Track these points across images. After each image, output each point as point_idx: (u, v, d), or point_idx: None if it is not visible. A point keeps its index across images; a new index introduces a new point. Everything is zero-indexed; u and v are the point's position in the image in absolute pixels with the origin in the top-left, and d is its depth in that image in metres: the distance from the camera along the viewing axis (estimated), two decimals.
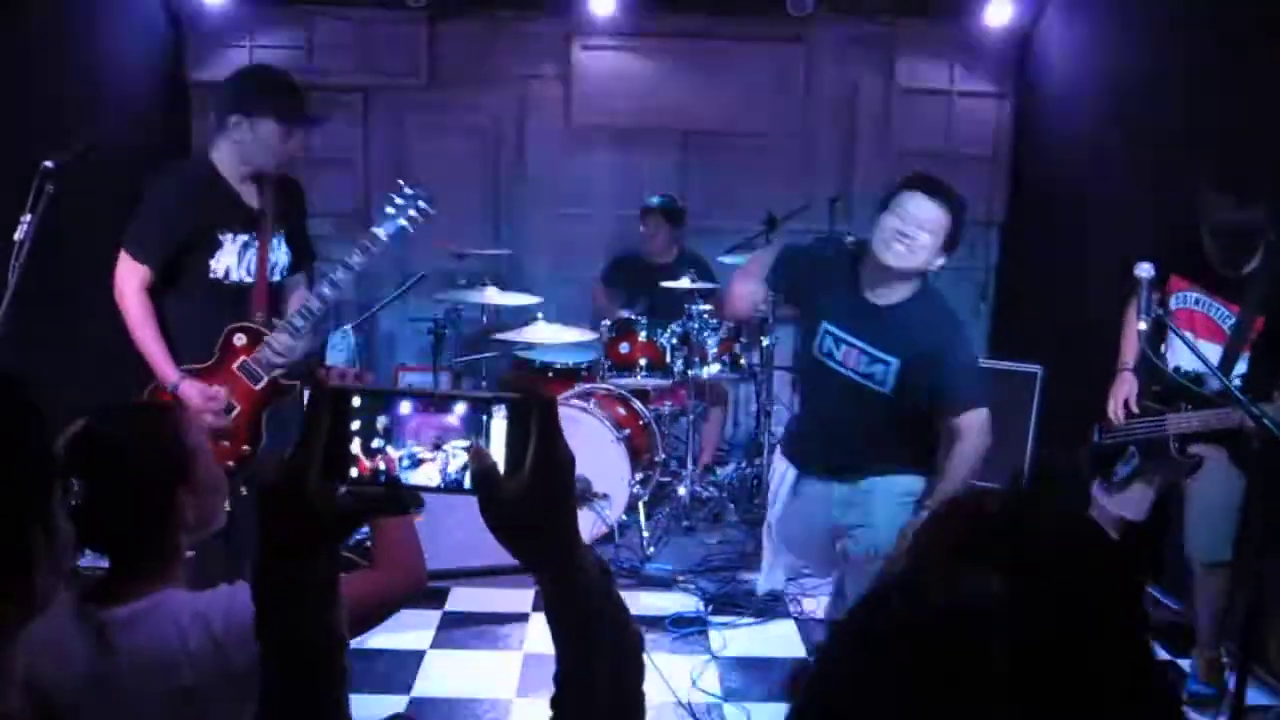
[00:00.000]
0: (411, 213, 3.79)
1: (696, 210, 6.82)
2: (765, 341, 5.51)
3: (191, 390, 3.39)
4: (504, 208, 6.99)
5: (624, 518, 5.10)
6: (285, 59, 6.68)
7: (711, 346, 5.33)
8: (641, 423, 5.35)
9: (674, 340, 5.33)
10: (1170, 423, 3.64)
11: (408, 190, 3.79)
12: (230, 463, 3.39)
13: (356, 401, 1.05)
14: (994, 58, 6.76)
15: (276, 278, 3.63)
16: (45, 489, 1.19)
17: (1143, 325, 3.34)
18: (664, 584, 4.73)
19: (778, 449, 3.74)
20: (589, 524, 4.97)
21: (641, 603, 4.54)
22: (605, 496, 4.99)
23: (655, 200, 5.95)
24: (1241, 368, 3.56)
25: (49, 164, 3.14)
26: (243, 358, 3.50)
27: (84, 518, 1.62)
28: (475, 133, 6.94)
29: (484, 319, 5.95)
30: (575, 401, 5.19)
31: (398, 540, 1.93)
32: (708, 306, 5.45)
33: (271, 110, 3.43)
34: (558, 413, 1.06)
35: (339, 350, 4.69)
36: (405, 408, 1.02)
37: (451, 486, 1.02)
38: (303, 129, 3.57)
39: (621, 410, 5.33)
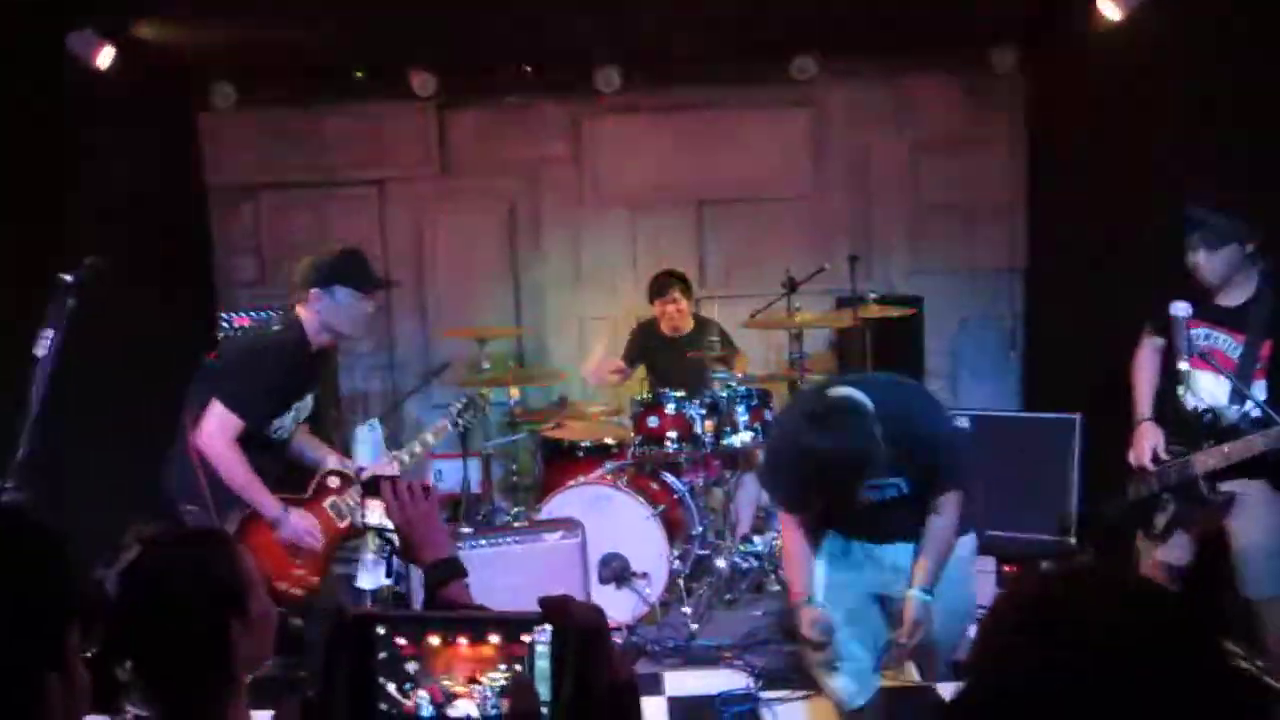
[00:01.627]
0: (468, 414, 4.65)
1: (716, 278, 6.82)
2: None
3: (299, 518, 3.72)
4: (523, 288, 7.00)
5: (665, 596, 5.00)
6: (299, 157, 6.79)
7: (741, 415, 5.26)
8: (675, 496, 5.27)
9: (703, 411, 5.26)
10: (1196, 462, 3.58)
11: (464, 401, 4.70)
12: (298, 590, 3.71)
13: (381, 630, 0.97)
14: (1004, 106, 6.75)
15: (292, 426, 3.90)
16: (59, 632, 1.12)
17: (1184, 364, 3.32)
18: (711, 661, 4.60)
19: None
20: (630, 605, 4.88)
21: (689, 683, 4.42)
22: (645, 575, 4.90)
23: (664, 276, 5.93)
24: (1259, 394, 3.51)
25: (67, 277, 3.17)
26: (333, 497, 3.88)
27: (136, 656, 1.58)
28: (491, 216, 6.98)
29: (511, 402, 5.91)
30: (607, 480, 5.12)
31: None
32: (731, 372, 5.39)
33: (348, 280, 3.73)
34: (607, 636, 0.97)
35: (365, 444, 4.64)
36: (436, 636, 0.94)
37: None
38: (375, 294, 3.86)
39: (654, 485, 5.26)
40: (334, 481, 3.91)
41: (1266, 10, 4.12)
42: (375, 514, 2.10)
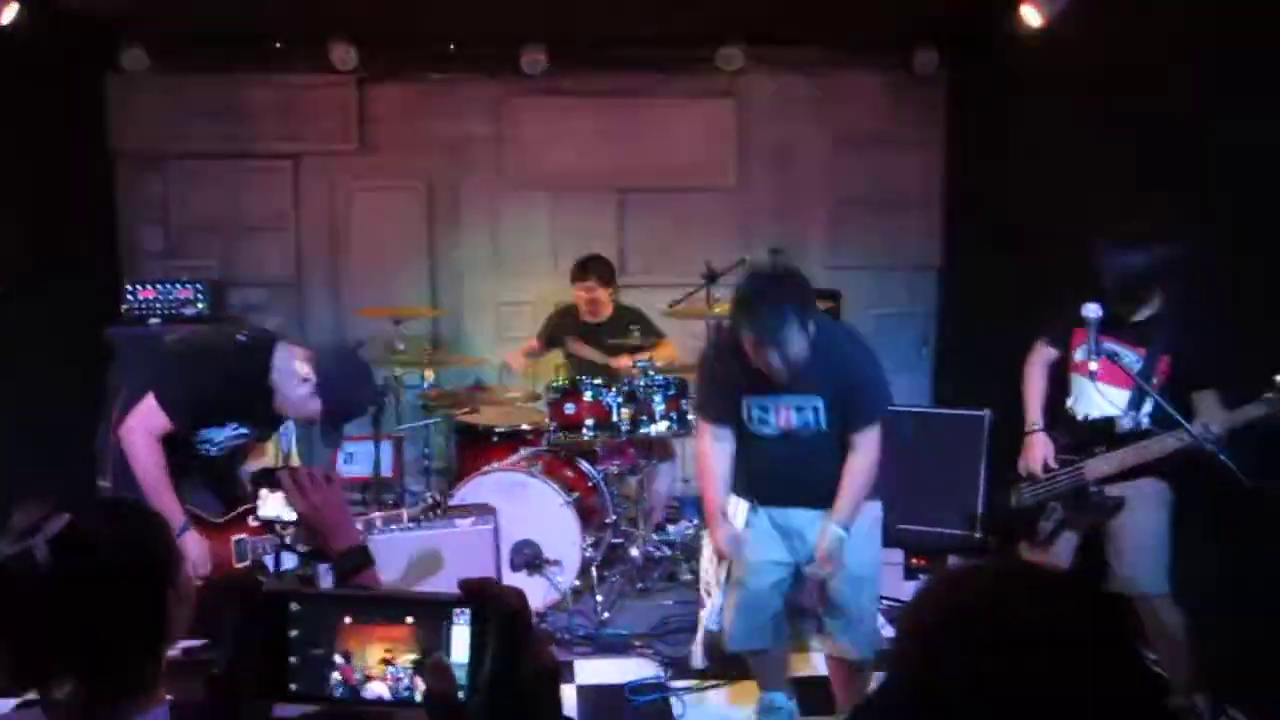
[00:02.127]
0: None
1: (636, 265, 6.80)
2: None
3: (192, 541, 3.49)
4: (440, 269, 6.90)
5: (577, 583, 4.98)
6: (213, 125, 6.59)
7: (658, 403, 5.25)
8: (590, 484, 5.25)
9: (620, 399, 5.24)
10: (1089, 469, 3.72)
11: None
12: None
13: (295, 607, 0.94)
14: (925, 105, 6.85)
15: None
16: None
17: (1094, 365, 3.41)
18: (621, 650, 4.60)
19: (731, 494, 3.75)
20: (541, 592, 4.85)
21: (599, 671, 4.41)
22: (557, 563, 4.87)
23: (585, 261, 5.89)
24: (1148, 407, 3.62)
25: None
26: (244, 535, 3.64)
27: (68, 626, 1.50)
28: (410, 194, 6.86)
29: (425, 384, 5.82)
30: (521, 466, 5.08)
31: None
32: (651, 359, 5.38)
33: (331, 405, 3.55)
34: (529, 620, 0.95)
35: (280, 432, 4.54)
36: (350, 616, 0.92)
37: (403, 702, 0.92)
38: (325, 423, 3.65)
39: (569, 473, 5.23)
40: (255, 521, 3.67)
41: (1181, 19, 4.23)
42: (273, 506, 2.05)
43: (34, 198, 5.09)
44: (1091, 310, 3.38)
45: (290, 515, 1.93)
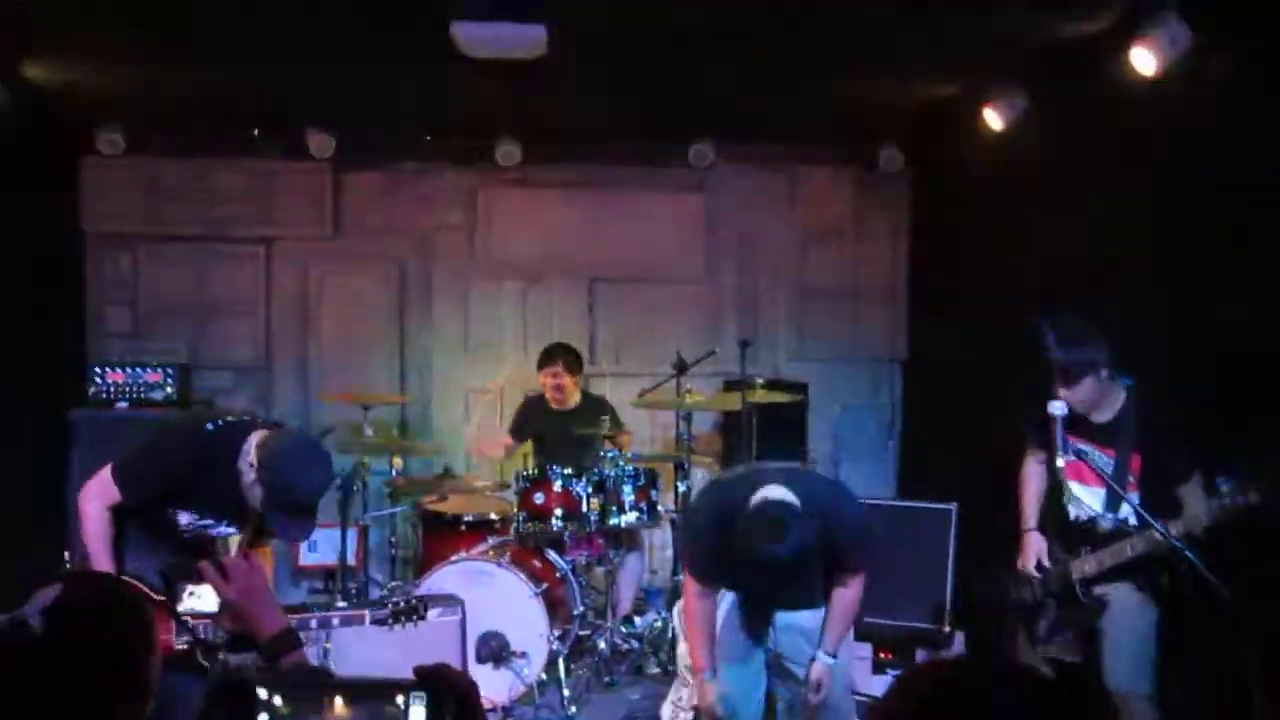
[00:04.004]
0: None
1: (607, 355, 6.85)
2: (681, 487, 5.45)
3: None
4: (410, 356, 6.90)
5: (543, 676, 4.91)
6: (185, 208, 6.62)
7: (628, 494, 5.25)
8: (558, 575, 5.20)
9: (589, 488, 5.23)
10: (1074, 567, 3.77)
11: None
12: None
13: (262, 693, 0.95)
14: (889, 200, 7.01)
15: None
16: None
17: (1061, 461, 3.48)
18: None
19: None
20: (507, 684, 4.78)
21: None
22: (524, 655, 4.81)
23: (552, 348, 5.93)
24: (1127, 508, 3.64)
25: None
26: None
27: (59, 692, 1.53)
28: (381, 281, 6.89)
29: (393, 472, 5.79)
30: (489, 555, 5.04)
31: None
32: (620, 454, 5.39)
33: (279, 509, 3.40)
34: (478, 701, 1.00)
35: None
36: (314, 702, 0.93)
37: None
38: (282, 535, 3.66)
39: (537, 563, 5.19)
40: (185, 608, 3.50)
41: (1130, 118, 4.40)
42: (196, 600, 2.05)
43: (1, 275, 5.07)
44: (1056, 408, 3.45)
45: (213, 606, 1.93)
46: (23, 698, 1.54)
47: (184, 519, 3.57)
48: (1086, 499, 3.80)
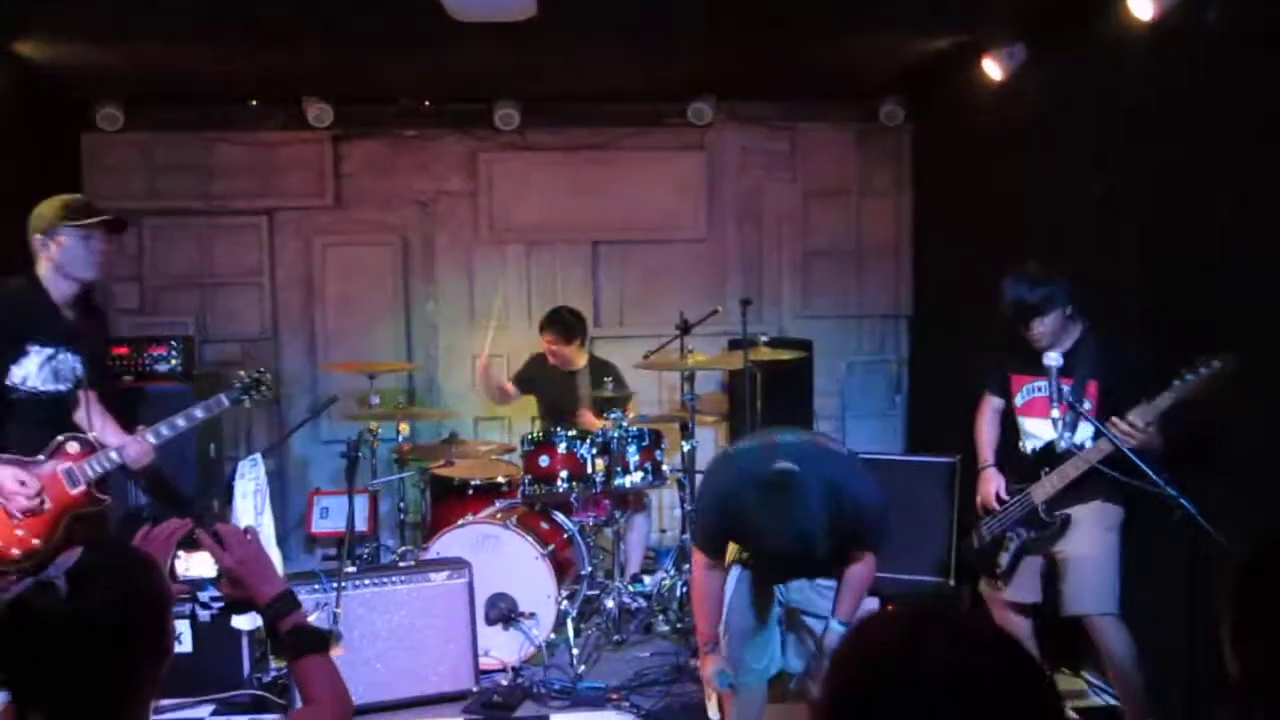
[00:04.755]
0: (253, 393, 4.27)
1: (610, 317, 6.86)
2: (686, 447, 5.48)
3: (5, 473, 3.72)
4: (416, 324, 6.93)
5: (552, 636, 4.96)
6: (187, 184, 6.64)
7: (633, 455, 5.28)
8: (565, 536, 5.25)
9: (594, 450, 5.26)
10: (1035, 492, 3.88)
11: (256, 373, 4.29)
12: (16, 551, 3.73)
13: None
14: (891, 156, 6.97)
15: (64, 387, 3.94)
16: None
17: (1056, 413, 3.52)
18: (597, 703, 4.58)
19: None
20: (517, 645, 4.84)
21: None
22: (532, 616, 4.86)
23: (546, 317, 5.95)
24: (1087, 430, 3.81)
25: None
26: (69, 463, 3.87)
27: (83, 655, 1.61)
28: (384, 250, 6.90)
29: (399, 439, 5.83)
30: (496, 519, 5.08)
31: (323, 676, 1.95)
32: (622, 414, 5.41)
33: (62, 219, 3.83)
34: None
35: (248, 478, 4.53)
36: None
37: None
38: (99, 230, 3.90)
39: (544, 525, 5.23)
40: (73, 447, 3.90)
41: (1137, 72, 4.35)
42: (196, 565, 2.10)
43: (5, 256, 5.08)
44: (1052, 359, 3.49)
45: (212, 572, 1.99)
46: (54, 658, 1.61)
47: (18, 376, 3.83)
48: (1041, 433, 3.93)
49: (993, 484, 4.10)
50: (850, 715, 1.14)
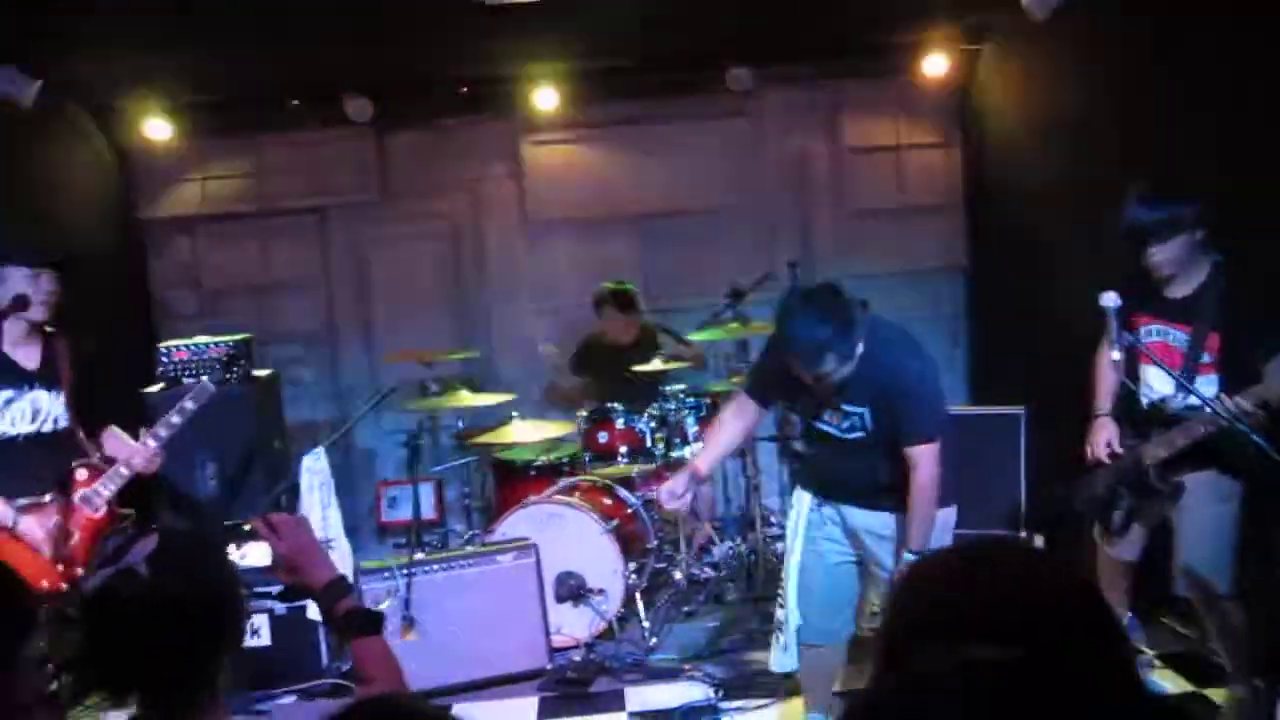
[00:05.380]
0: (234, 369, 4.42)
1: (661, 290, 6.83)
2: None
3: (32, 523, 3.80)
4: (469, 310, 6.97)
5: (622, 610, 4.98)
6: (237, 187, 6.74)
7: (691, 425, 5.27)
8: (629, 510, 5.25)
9: (652, 423, 5.26)
10: (1146, 452, 3.64)
11: (230, 352, 4.46)
12: (64, 584, 3.80)
13: None
14: (936, 109, 6.84)
15: (48, 427, 3.95)
16: None
17: (1116, 354, 3.37)
18: (671, 675, 4.59)
19: (795, 486, 3.88)
20: (587, 621, 4.86)
21: (649, 697, 4.41)
22: (601, 591, 4.88)
23: (602, 287, 5.95)
24: (1211, 389, 3.49)
25: None
26: (82, 489, 3.95)
27: (158, 641, 1.69)
28: (434, 239, 6.95)
29: (459, 424, 5.87)
30: (559, 498, 5.10)
31: (378, 656, 1.99)
32: (680, 386, 5.40)
33: (14, 259, 3.82)
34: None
35: (313, 472, 4.61)
36: None
37: None
38: (49, 269, 3.88)
39: (608, 501, 5.24)
40: (81, 474, 3.97)
41: (1190, 9, 4.21)
42: (254, 555, 2.15)
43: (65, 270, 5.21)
44: (1109, 299, 3.35)
45: (267, 561, 2.04)
46: (141, 641, 1.69)
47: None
48: (1158, 383, 3.66)
49: (1105, 434, 3.81)
50: (908, 639, 1.12)
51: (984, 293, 6.88)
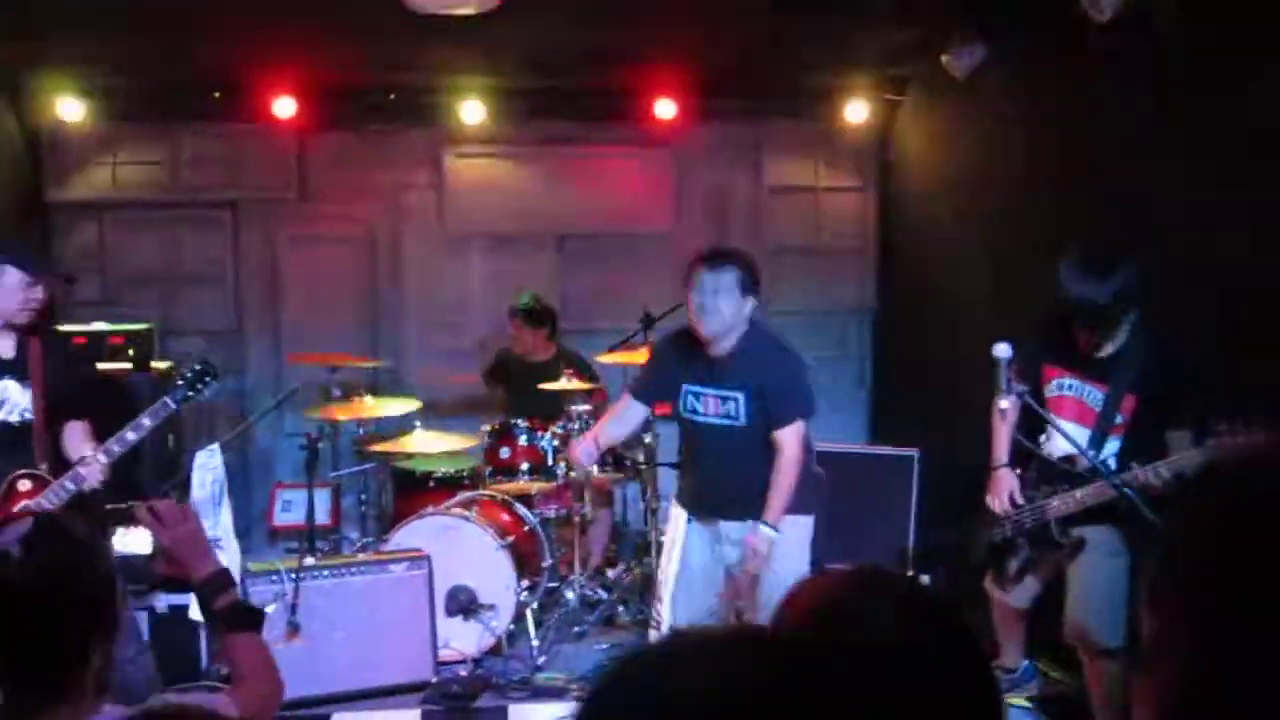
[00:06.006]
0: (199, 386, 4.12)
1: (576, 311, 6.86)
2: (647, 439, 5.49)
3: None
4: (380, 318, 6.92)
5: (512, 627, 4.97)
6: (150, 175, 6.61)
7: None
8: (526, 528, 5.25)
9: (555, 442, 5.27)
10: (1051, 507, 3.69)
11: (196, 367, 4.13)
12: None
13: None
14: (855, 154, 7.02)
15: (15, 418, 3.93)
16: None
17: (1004, 404, 3.45)
18: (558, 693, 4.58)
19: (673, 501, 4.23)
20: (476, 636, 4.84)
21: (534, 715, 4.40)
22: (492, 607, 4.86)
23: (520, 302, 5.96)
24: (1113, 447, 3.60)
25: None
26: (24, 501, 3.84)
27: (29, 625, 1.67)
28: (349, 244, 6.89)
29: (361, 430, 5.82)
30: (457, 510, 5.08)
31: (254, 654, 1.99)
32: (587, 406, 5.42)
33: (13, 261, 3.86)
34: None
35: (206, 469, 4.52)
36: None
37: None
38: (43, 278, 3.95)
39: (505, 516, 5.23)
40: (24, 485, 3.90)
41: (1095, 70, 4.40)
42: (133, 542, 2.12)
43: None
44: (1001, 350, 3.42)
45: (147, 549, 2.02)
46: (12, 623, 1.67)
47: None
48: (1063, 442, 3.62)
49: (1006, 485, 3.84)
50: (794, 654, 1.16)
51: (889, 335, 7.05)
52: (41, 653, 1.68)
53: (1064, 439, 3.58)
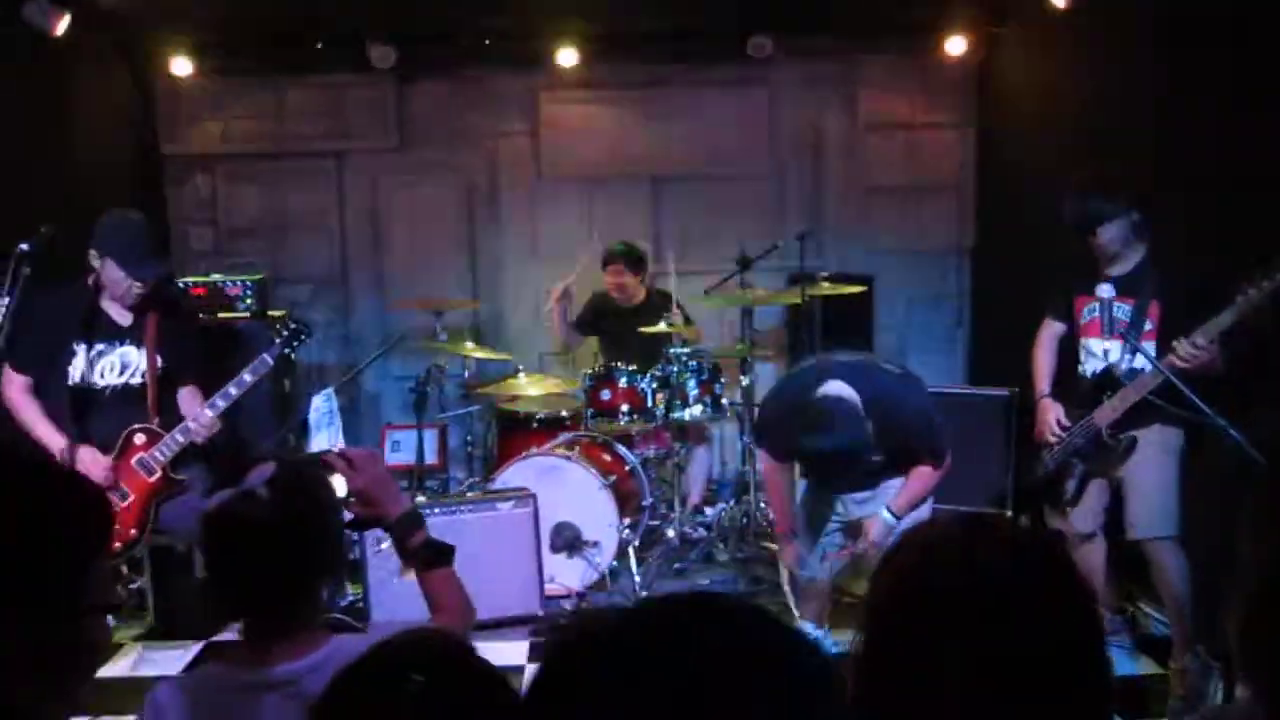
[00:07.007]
0: (295, 344, 4.33)
1: (671, 253, 6.90)
2: (745, 381, 5.56)
3: (87, 454, 4.05)
4: (480, 262, 7.06)
5: (615, 564, 5.12)
6: (257, 127, 6.80)
7: (692, 388, 5.38)
8: (627, 468, 5.38)
9: (654, 384, 5.37)
10: (1099, 416, 3.85)
11: (292, 325, 4.32)
12: (117, 544, 4.01)
13: None
14: (953, 89, 6.88)
15: (136, 380, 4.23)
16: None
17: (1110, 343, 3.52)
18: None
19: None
20: (580, 572, 5.00)
21: None
22: (595, 544, 5.01)
23: (614, 247, 6.02)
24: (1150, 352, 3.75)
25: (24, 247, 3.34)
26: (140, 454, 4.16)
27: (276, 562, 1.86)
28: (448, 190, 7.02)
29: (465, 373, 5.99)
30: (560, 451, 5.22)
31: (451, 587, 2.10)
32: (685, 349, 5.50)
33: (116, 256, 4.05)
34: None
35: (322, 412, 4.73)
36: None
37: None
38: (142, 278, 4.11)
39: (606, 457, 5.36)
40: (140, 438, 4.18)
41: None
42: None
43: (85, 200, 5.30)
44: (1104, 290, 3.48)
45: (342, 493, 2.12)
46: (261, 559, 1.85)
47: (76, 374, 4.14)
48: (1100, 350, 3.90)
49: (1050, 413, 4.05)
50: (902, 605, 1.22)
51: (987, 274, 6.95)
52: (280, 587, 1.88)
53: (1099, 360, 3.87)
